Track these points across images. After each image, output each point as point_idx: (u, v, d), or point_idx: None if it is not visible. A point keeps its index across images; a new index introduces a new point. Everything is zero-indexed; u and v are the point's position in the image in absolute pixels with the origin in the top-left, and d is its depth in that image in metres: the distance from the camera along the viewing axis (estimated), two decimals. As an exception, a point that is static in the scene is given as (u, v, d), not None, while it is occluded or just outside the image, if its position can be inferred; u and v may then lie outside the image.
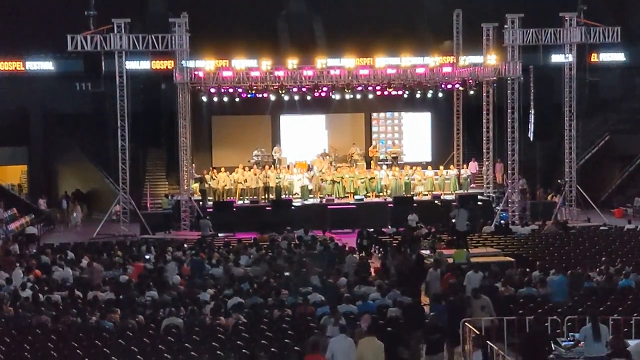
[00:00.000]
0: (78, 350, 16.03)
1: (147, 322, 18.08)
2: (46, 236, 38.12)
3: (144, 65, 43.69)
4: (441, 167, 42.17)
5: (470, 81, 40.11)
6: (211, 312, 18.15)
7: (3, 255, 27.53)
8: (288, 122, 44.55)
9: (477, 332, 16.28)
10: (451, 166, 42.91)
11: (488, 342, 15.76)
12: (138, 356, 15.74)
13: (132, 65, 40.41)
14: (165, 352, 15.85)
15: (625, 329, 16.75)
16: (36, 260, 26.07)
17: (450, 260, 24.85)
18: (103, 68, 37.33)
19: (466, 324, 17.11)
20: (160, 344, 16.24)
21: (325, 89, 39.41)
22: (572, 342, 15.34)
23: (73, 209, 42.29)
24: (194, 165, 40.73)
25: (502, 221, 36.77)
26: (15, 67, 47.05)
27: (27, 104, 45.76)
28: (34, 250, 29.80)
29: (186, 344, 16.19)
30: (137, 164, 41.97)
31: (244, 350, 15.83)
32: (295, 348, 16.00)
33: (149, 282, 22.02)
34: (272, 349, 15.86)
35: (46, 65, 47.44)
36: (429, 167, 42.40)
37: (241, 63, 40.22)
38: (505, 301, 19.85)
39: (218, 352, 15.79)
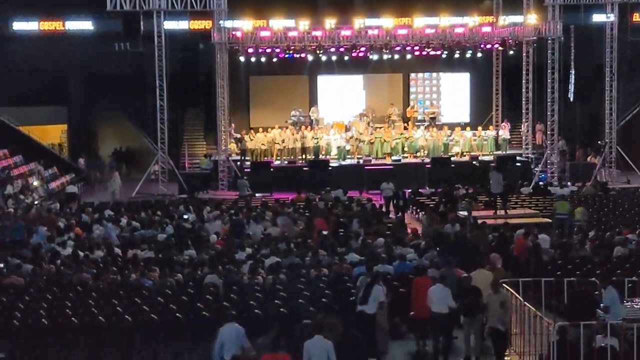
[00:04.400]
0: (118, 307, 16.28)
1: (186, 280, 18.28)
2: (86, 195, 38.47)
3: (182, 25, 43.82)
4: (479, 128, 41.84)
5: (510, 41, 39.72)
6: (249, 272, 18.29)
7: (44, 213, 27.87)
8: (325, 83, 44.32)
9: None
10: (490, 127, 42.58)
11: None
12: (177, 314, 15.95)
13: (170, 25, 40.41)
14: (203, 310, 16.05)
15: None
16: (76, 219, 26.39)
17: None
18: (142, 28, 37.47)
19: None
20: (199, 302, 16.43)
21: (363, 49, 39.25)
22: (607, 306, 15.26)
23: (111, 175, 38.94)
24: (233, 125, 40.81)
25: (540, 182, 36.56)
26: (55, 27, 47.25)
27: (66, 64, 45.87)
28: (75, 209, 30.10)
29: (224, 303, 16.37)
30: (175, 123, 42.11)
31: (281, 309, 15.97)
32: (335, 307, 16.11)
33: (187, 240, 22.30)
34: (311, 308, 15.98)
35: (85, 25, 47.57)
36: (468, 128, 42.11)
37: (279, 23, 40.08)
38: (544, 263, 19.82)
39: (256, 310, 15.95)
